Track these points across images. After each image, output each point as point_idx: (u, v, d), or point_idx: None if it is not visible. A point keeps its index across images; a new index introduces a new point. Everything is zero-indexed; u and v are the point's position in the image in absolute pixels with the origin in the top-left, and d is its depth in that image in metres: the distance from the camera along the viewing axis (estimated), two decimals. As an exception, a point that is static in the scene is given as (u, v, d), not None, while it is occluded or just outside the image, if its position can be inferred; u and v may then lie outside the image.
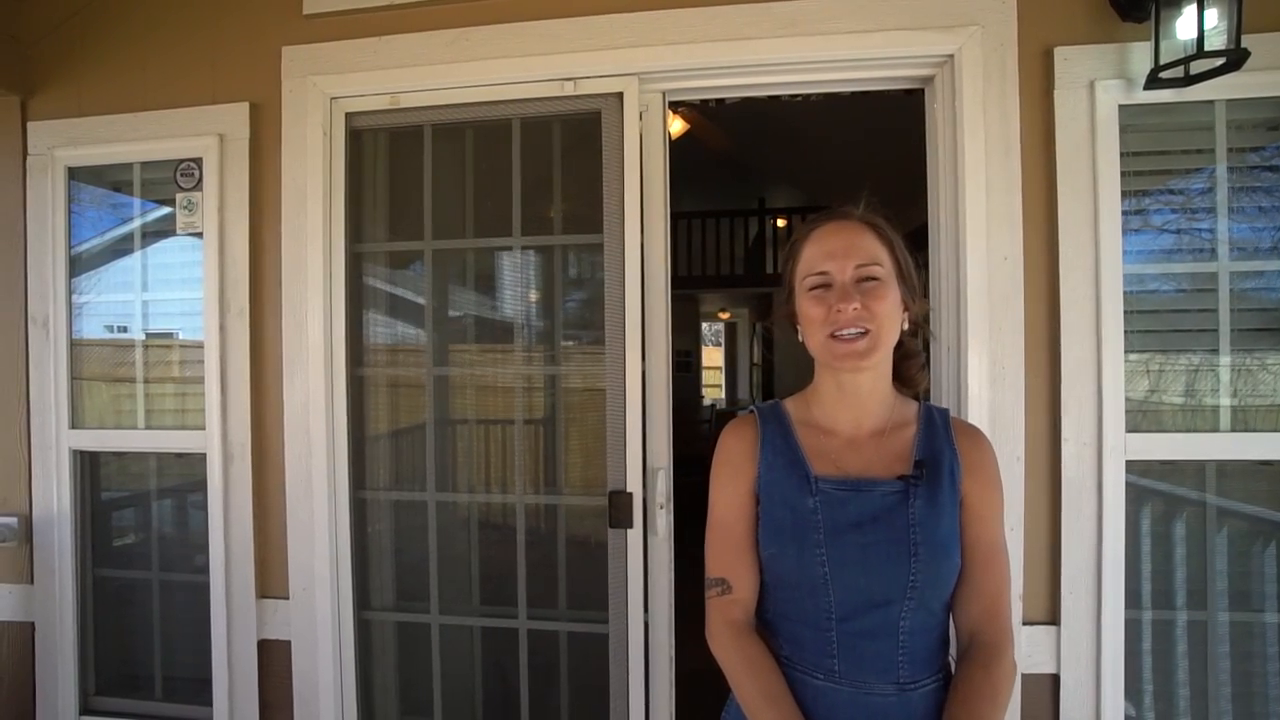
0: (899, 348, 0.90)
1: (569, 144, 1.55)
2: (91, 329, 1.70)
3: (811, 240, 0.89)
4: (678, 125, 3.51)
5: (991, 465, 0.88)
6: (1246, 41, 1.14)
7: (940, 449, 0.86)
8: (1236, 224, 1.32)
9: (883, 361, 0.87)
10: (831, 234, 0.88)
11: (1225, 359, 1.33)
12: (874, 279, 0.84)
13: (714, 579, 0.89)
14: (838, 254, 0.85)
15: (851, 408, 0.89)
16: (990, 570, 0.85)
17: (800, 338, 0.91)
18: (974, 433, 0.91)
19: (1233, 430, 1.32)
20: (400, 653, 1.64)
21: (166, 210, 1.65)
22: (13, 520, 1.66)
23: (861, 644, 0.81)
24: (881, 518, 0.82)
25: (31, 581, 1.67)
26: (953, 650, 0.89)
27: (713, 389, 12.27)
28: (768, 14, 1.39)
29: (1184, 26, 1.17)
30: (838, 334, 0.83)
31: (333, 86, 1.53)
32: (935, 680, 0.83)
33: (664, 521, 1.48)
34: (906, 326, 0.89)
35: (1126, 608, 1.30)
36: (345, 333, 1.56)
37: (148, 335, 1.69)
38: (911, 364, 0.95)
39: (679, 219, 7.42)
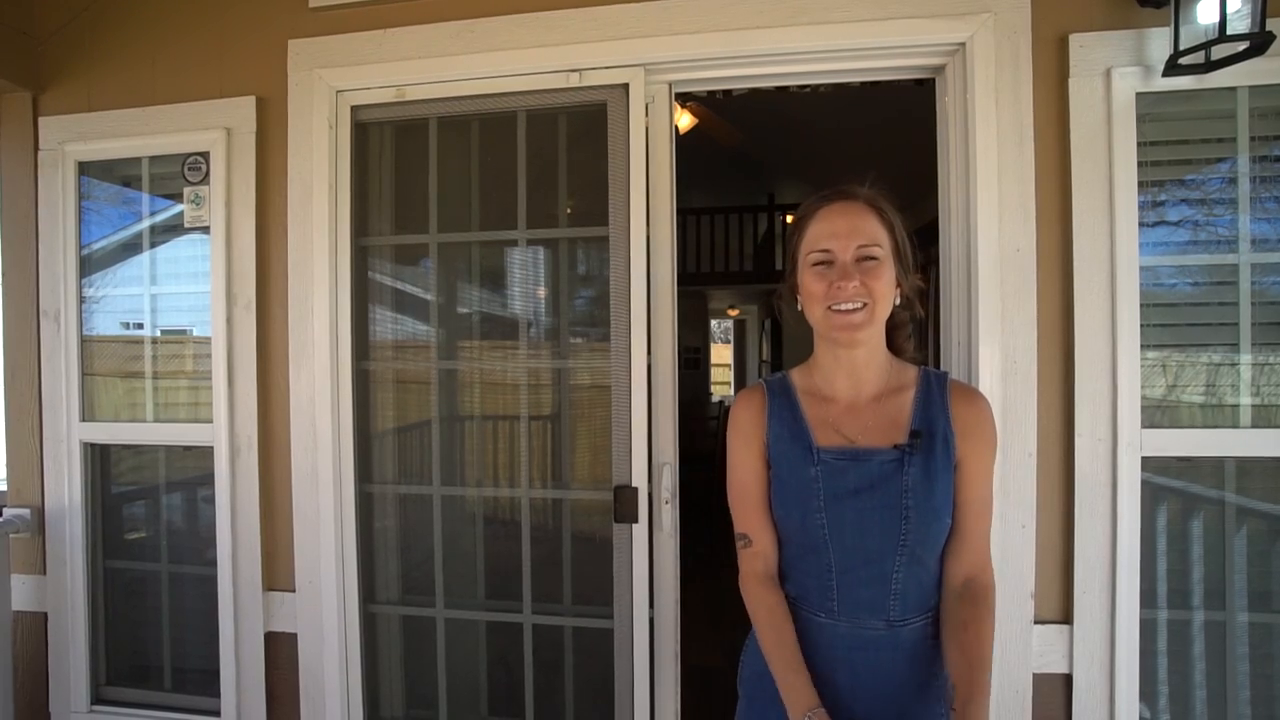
0: (889, 317, 0.97)
1: (575, 136, 1.54)
2: (102, 323, 1.72)
3: (818, 218, 0.94)
4: (686, 120, 3.48)
5: (986, 427, 0.94)
6: (1272, 25, 1.11)
7: (935, 417, 0.93)
8: (1258, 216, 1.29)
9: (876, 334, 0.95)
10: (837, 214, 0.93)
11: (1245, 355, 1.29)
12: (873, 259, 0.90)
13: (739, 534, 1.01)
14: (841, 234, 0.91)
15: (849, 375, 0.97)
16: (980, 523, 0.94)
17: (799, 308, 0.98)
18: (969, 395, 0.96)
19: (1254, 427, 1.29)
20: (405, 646, 1.64)
21: (175, 205, 1.66)
22: (26, 512, 1.68)
23: (857, 590, 0.92)
24: (878, 485, 0.90)
25: (44, 572, 1.69)
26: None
27: (721, 386, 12.24)
28: (776, 3, 1.37)
29: (1205, 10, 1.14)
30: (835, 307, 0.90)
31: (338, 79, 1.53)
32: (924, 619, 0.93)
33: (669, 517, 1.47)
34: (899, 301, 0.96)
35: (1142, 607, 1.27)
36: (351, 326, 1.56)
37: (156, 329, 1.71)
38: (900, 333, 1.02)
39: (688, 215, 7.39)
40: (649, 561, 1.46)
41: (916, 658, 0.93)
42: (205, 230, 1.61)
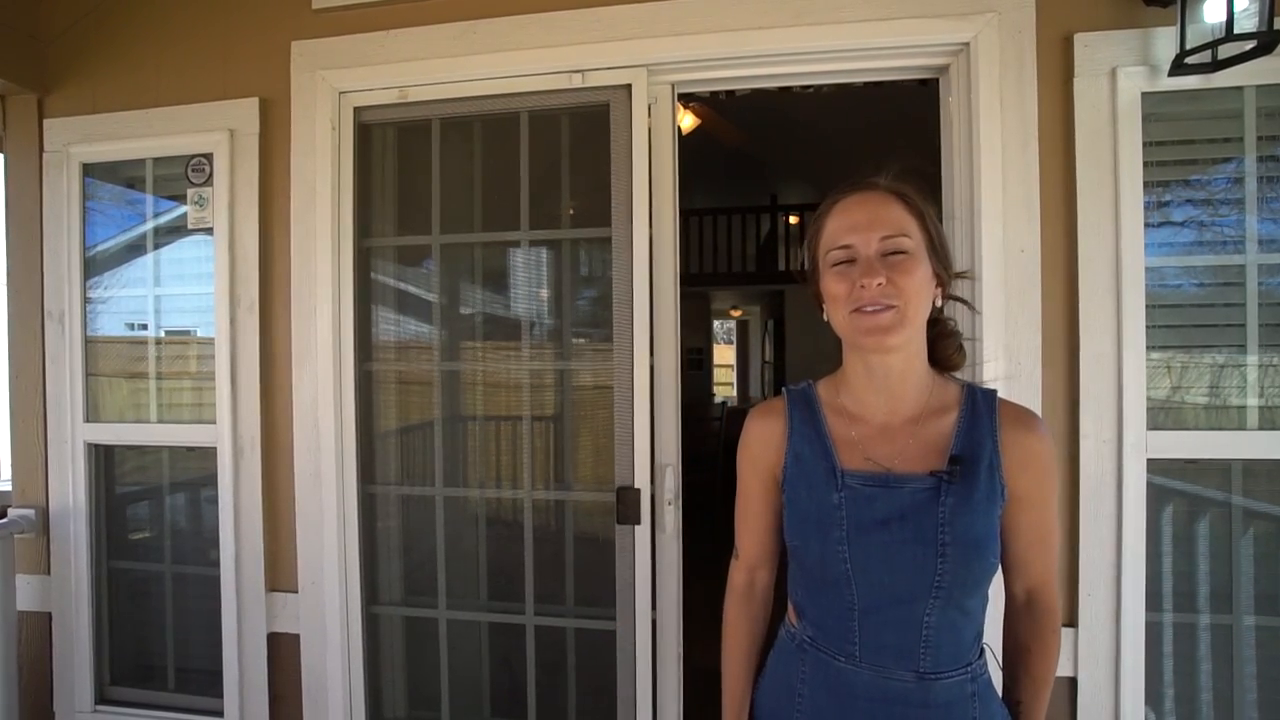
0: (934, 325, 0.86)
1: (577, 137, 1.53)
2: (106, 324, 1.72)
3: (834, 213, 0.84)
4: (689, 120, 3.48)
5: (1044, 454, 0.82)
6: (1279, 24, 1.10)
7: (980, 441, 0.81)
8: (1265, 216, 1.28)
9: (913, 340, 0.82)
10: (855, 205, 0.82)
11: (1252, 356, 1.29)
12: (901, 252, 0.78)
13: (735, 544, 0.98)
14: (861, 226, 0.80)
15: (882, 392, 0.84)
16: (1045, 548, 0.84)
17: (825, 317, 0.86)
18: (1023, 420, 0.82)
19: (1260, 429, 1.28)
20: (408, 647, 1.64)
21: (179, 206, 1.67)
22: (30, 512, 1.69)
23: (883, 634, 0.80)
24: (909, 515, 0.79)
25: (49, 572, 1.69)
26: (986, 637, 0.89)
27: (724, 387, 12.23)
28: (778, 3, 1.36)
29: (1212, 9, 1.14)
30: (861, 309, 0.79)
31: (341, 81, 1.54)
32: (961, 674, 0.80)
33: (672, 518, 1.47)
34: (940, 303, 0.84)
35: (1147, 610, 1.27)
36: (354, 327, 1.56)
37: (159, 330, 1.71)
38: (948, 344, 0.88)
39: (690, 216, 7.39)
40: (651, 563, 1.46)
41: None
42: (209, 231, 1.61)
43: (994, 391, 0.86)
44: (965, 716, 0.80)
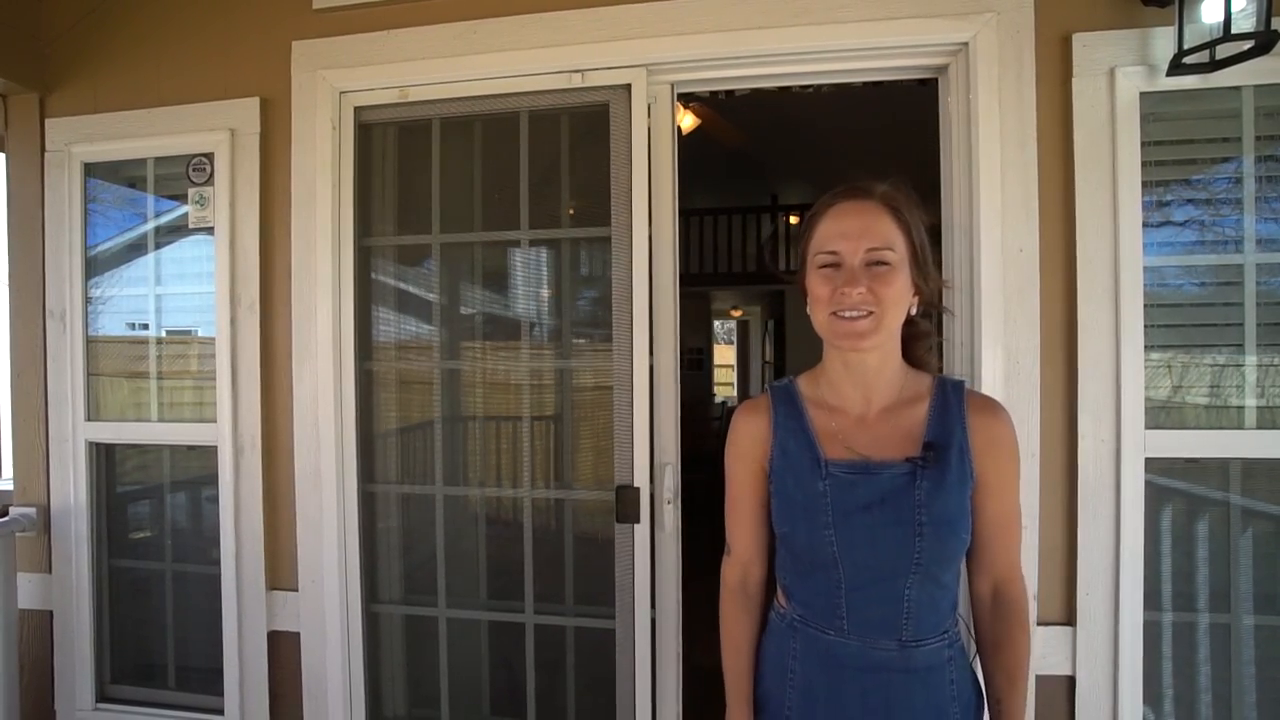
0: (910, 326, 0.91)
1: (577, 137, 1.54)
2: (107, 323, 1.73)
3: (828, 216, 0.89)
4: (689, 120, 3.48)
5: (1006, 440, 0.88)
6: (1277, 24, 1.10)
7: (951, 428, 0.87)
8: (1264, 216, 1.28)
9: (888, 341, 0.88)
10: (848, 213, 0.87)
11: (1250, 356, 1.29)
12: (884, 263, 0.84)
13: (727, 542, 1.01)
14: (851, 235, 0.85)
15: (859, 386, 0.91)
16: (1007, 537, 0.90)
17: (808, 310, 0.92)
18: (988, 407, 0.90)
19: (1259, 428, 1.28)
20: (408, 646, 1.65)
21: (180, 206, 1.67)
22: (31, 511, 1.69)
23: (868, 608, 0.87)
24: (889, 499, 0.85)
25: (50, 571, 1.70)
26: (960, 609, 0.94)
27: (724, 387, 12.22)
28: (778, 3, 1.37)
29: (1210, 9, 1.14)
30: (840, 313, 0.85)
31: (342, 80, 1.54)
32: (939, 640, 0.88)
33: (671, 517, 1.47)
34: (915, 310, 0.90)
35: (1145, 609, 1.27)
36: (354, 326, 1.57)
37: (161, 329, 1.71)
38: (920, 345, 0.95)
39: (691, 216, 7.39)
40: (651, 562, 1.46)
41: (931, 684, 0.87)
42: (209, 231, 1.61)
43: (962, 382, 0.93)
44: (943, 679, 0.88)
